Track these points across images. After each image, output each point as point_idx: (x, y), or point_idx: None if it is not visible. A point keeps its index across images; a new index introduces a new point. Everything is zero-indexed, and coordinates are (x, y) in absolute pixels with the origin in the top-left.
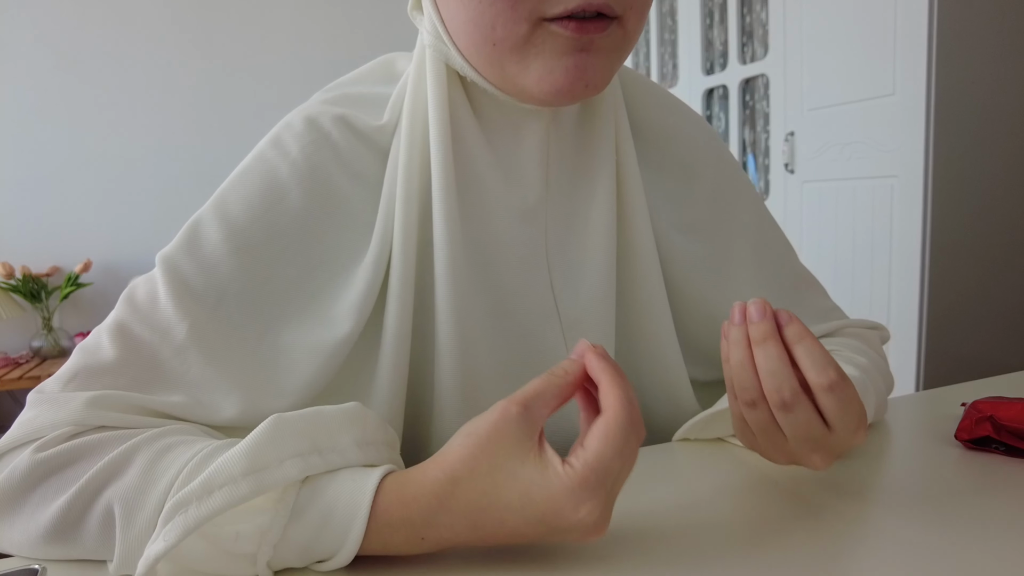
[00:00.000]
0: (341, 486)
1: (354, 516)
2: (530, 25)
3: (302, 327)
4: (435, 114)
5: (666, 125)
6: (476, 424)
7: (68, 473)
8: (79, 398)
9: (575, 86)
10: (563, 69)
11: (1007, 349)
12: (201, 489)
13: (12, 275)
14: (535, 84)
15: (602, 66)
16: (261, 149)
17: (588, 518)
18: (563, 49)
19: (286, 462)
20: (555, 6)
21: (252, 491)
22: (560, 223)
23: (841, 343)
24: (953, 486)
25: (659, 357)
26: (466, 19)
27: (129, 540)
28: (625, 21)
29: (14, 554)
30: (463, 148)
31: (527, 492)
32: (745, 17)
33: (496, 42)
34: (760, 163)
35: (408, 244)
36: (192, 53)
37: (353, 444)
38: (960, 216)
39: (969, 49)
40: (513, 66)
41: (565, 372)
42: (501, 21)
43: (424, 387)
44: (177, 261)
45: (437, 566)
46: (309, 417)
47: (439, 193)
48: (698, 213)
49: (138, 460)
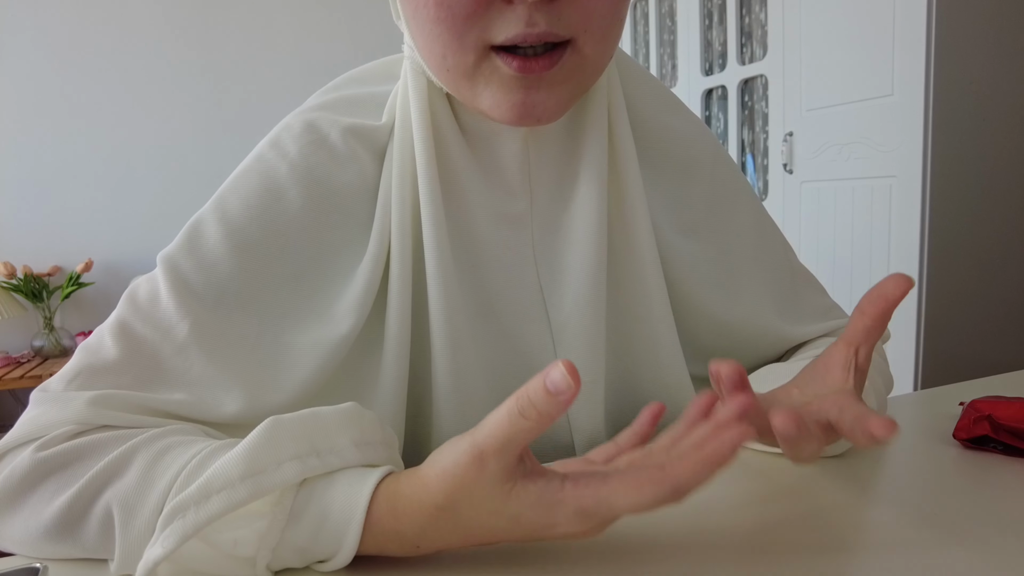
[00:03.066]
0: (338, 490)
1: (349, 522)
2: (477, 55)
3: (302, 325)
4: (417, 122)
5: (665, 124)
6: (449, 462)
7: (69, 472)
8: (81, 397)
9: (524, 119)
10: (510, 105)
11: (1005, 348)
12: (199, 494)
13: (13, 275)
14: (488, 111)
15: (555, 100)
16: (260, 150)
17: (579, 528)
18: (509, 85)
19: (284, 465)
20: (498, 34)
21: (250, 495)
22: (547, 226)
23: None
24: (951, 485)
25: (658, 358)
26: (423, 44)
27: (128, 541)
28: (581, 45)
29: (16, 553)
30: (445, 154)
31: (515, 517)
32: (744, 18)
33: (449, 69)
34: (759, 163)
35: (404, 244)
36: (193, 53)
37: (351, 444)
38: (958, 216)
39: (968, 50)
40: (466, 92)
41: (535, 417)
42: (451, 50)
43: (423, 385)
44: (177, 260)
45: (437, 566)
46: (306, 419)
47: (425, 197)
48: (696, 213)
49: (137, 461)
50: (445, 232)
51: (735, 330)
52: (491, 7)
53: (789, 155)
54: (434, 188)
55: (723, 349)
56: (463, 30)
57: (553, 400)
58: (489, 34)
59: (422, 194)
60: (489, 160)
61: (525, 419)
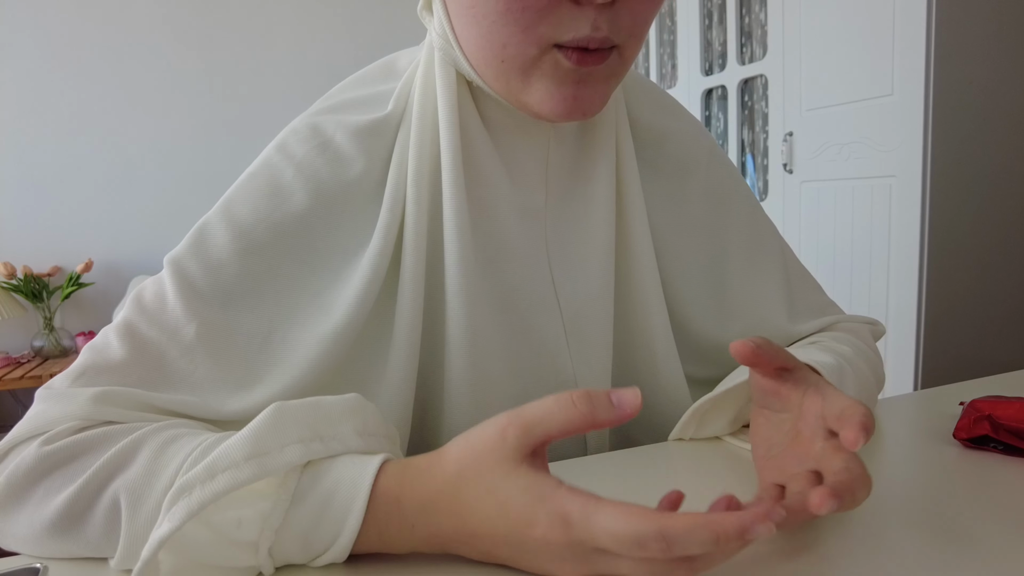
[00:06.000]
0: (342, 470)
1: (354, 497)
2: (539, 49)
3: (306, 324)
4: (445, 115)
5: (662, 125)
6: (475, 434)
7: (74, 466)
8: (86, 393)
9: (573, 113)
10: (562, 97)
11: (1005, 348)
12: (205, 473)
13: (14, 275)
14: (536, 104)
15: (599, 94)
16: (266, 154)
17: (557, 536)
18: (564, 78)
19: (288, 447)
20: (566, 33)
21: (254, 474)
22: (560, 221)
23: (826, 336)
24: (951, 485)
25: (655, 353)
26: (477, 34)
27: (135, 528)
28: (624, 49)
29: (18, 550)
30: (470, 147)
31: (504, 503)
32: (744, 17)
33: (505, 60)
34: (759, 163)
35: (419, 236)
36: (193, 53)
37: (354, 433)
38: (958, 216)
39: (967, 49)
40: (517, 83)
41: (585, 412)
42: (513, 42)
43: (434, 379)
44: (185, 263)
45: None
46: (310, 405)
47: (450, 189)
48: (693, 211)
49: (144, 452)
50: (468, 223)
51: (729, 327)
52: (560, 6)
53: (789, 155)
54: (458, 178)
55: (717, 347)
56: (531, 24)
57: (610, 407)
58: (556, 32)
59: (446, 184)
60: (511, 154)
61: (573, 407)
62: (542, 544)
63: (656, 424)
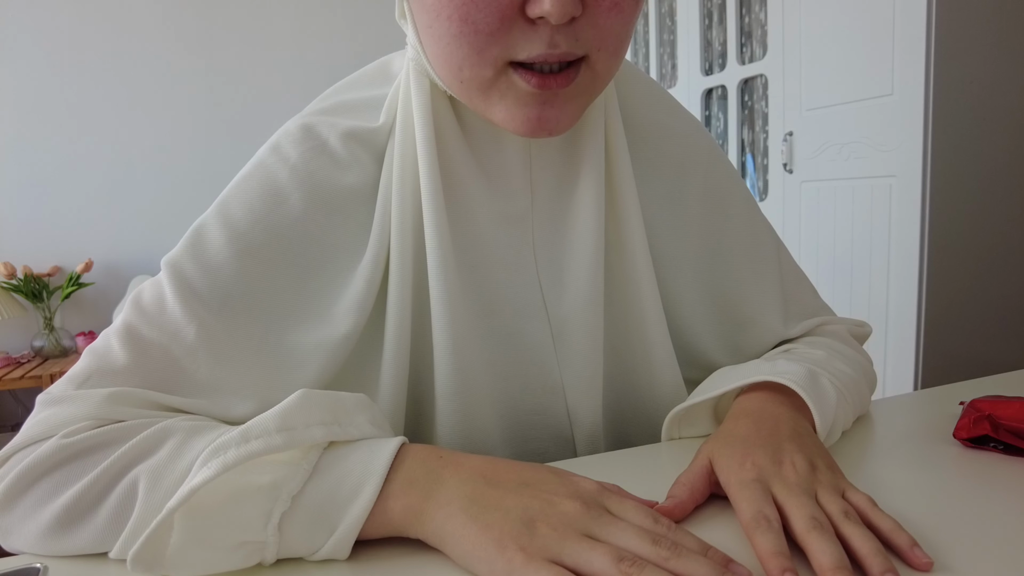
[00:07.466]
0: (361, 451)
1: (371, 473)
2: (495, 70)
3: (305, 326)
4: (420, 124)
5: (659, 123)
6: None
7: (96, 456)
8: (99, 394)
9: (537, 132)
10: (524, 118)
11: (1005, 348)
12: (240, 437)
13: (14, 275)
14: (500, 123)
15: (567, 114)
16: (261, 156)
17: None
18: (526, 99)
19: (312, 427)
20: (520, 52)
21: (285, 443)
22: (547, 225)
23: (802, 342)
24: (951, 485)
25: (651, 355)
26: (437, 53)
27: (150, 504)
28: (594, 62)
29: (20, 549)
30: (447, 155)
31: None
32: (744, 17)
33: (463, 80)
34: (759, 163)
35: (405, 245)
36: (192, 53)
37: (368, 423)
38: (958, 215)
39: (967, 49)
40: (479, 103)
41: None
42: (468, 64)
43: (425, 386)
44: (182, 265)
45: (437, 566)
46: (330, 396)
47: (427, 199)
48: (690, 211)
49: (171, 440)
50: (447, 232)
51: (724, 327)
52: (514, 26)
53: (789, 155)
54: (436, 188)
55: (712, 346)
56: (484, 46)
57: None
58: (511, 52)
59: (424, 194)
60: (491, 160)
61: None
62: (555, 484)
63: (656, 428)
